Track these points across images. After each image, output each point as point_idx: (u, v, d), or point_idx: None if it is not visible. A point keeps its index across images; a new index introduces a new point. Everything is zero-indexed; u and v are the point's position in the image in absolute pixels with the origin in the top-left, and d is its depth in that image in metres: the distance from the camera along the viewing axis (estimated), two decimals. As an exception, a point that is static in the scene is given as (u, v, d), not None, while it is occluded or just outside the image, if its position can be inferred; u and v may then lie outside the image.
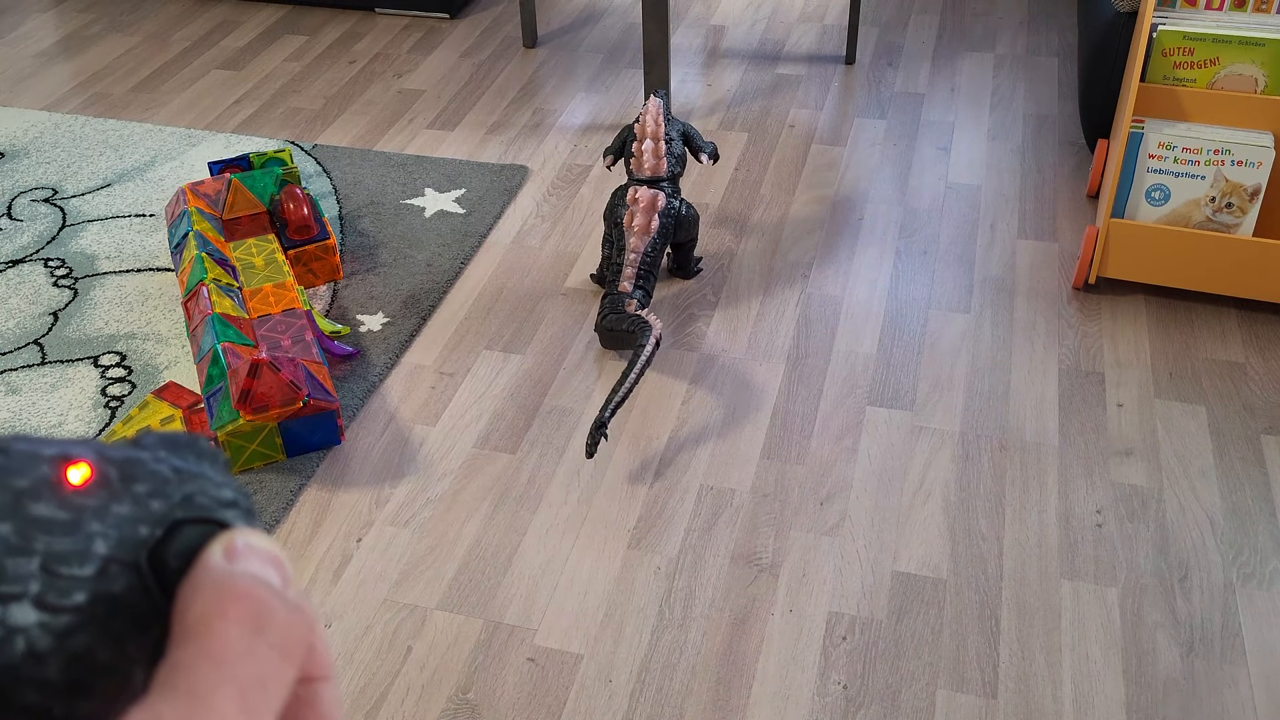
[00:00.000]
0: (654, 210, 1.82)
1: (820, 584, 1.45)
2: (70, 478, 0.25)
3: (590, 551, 1.50)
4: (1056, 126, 2.35)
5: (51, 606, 0.24)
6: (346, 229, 2.09)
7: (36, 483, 0.25)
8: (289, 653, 0.25)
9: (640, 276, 1.80)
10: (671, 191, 1.87)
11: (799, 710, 1.31)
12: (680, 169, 1.89)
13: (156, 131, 2.40)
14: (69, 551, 0.24)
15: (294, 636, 0.25)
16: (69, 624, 0.24)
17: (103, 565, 0.25)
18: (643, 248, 1.80)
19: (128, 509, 0.26)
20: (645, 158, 1.87)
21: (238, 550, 0.26)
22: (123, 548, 0.25)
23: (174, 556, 0.26)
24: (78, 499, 0.25)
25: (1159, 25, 1.87)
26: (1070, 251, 2.00)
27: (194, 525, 0.26)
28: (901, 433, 1.66)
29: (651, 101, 1.91)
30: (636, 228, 1.81)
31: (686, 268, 1.95)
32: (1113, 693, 1.32)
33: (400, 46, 2.72)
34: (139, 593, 0.25)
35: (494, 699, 1.33)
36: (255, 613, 0.25)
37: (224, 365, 1.60)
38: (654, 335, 1.67)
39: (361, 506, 1.57)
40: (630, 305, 1.76)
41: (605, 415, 1.57)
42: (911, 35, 2.72)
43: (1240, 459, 1.60)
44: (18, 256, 2.05)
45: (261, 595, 0.25)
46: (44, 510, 0.25)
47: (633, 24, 2.82)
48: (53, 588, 0.24)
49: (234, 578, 0.25)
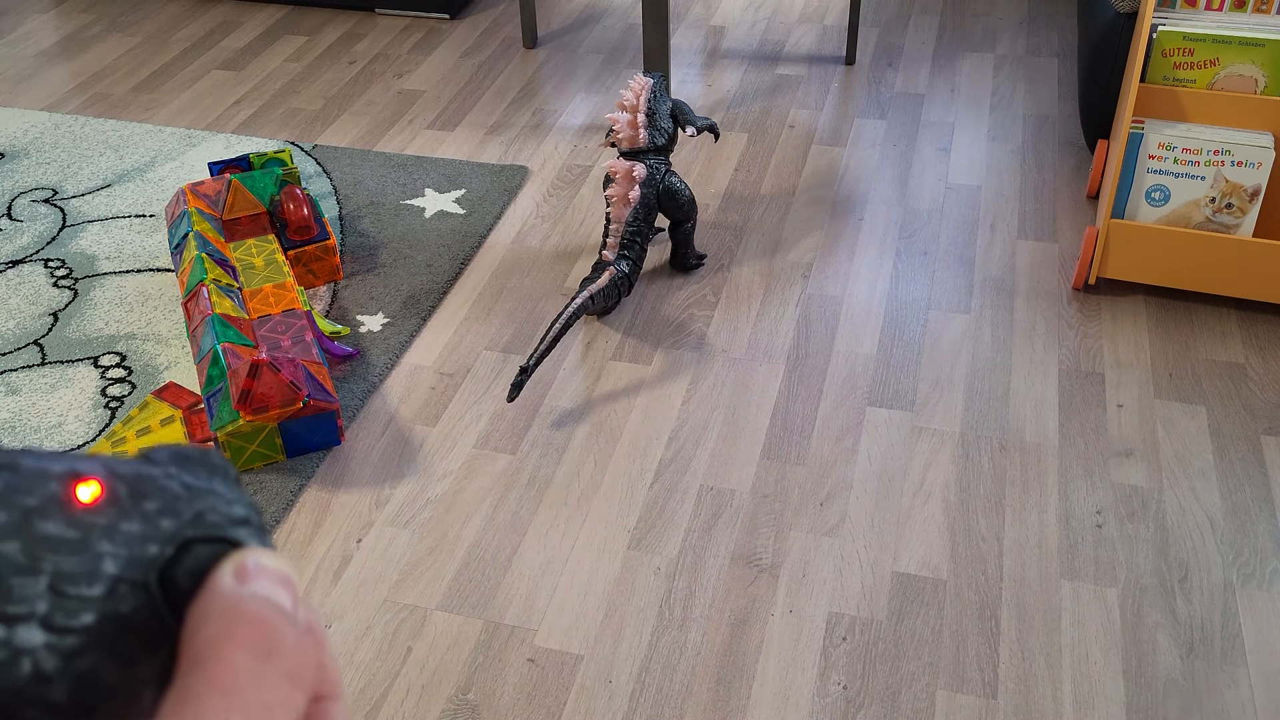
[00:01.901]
0: (631, 180, 1.85)
1: (820, 584, 1.45)
2: (80, 495, 0.25)
3: (590, 552, 1.50)
4: (1056, 127, 2.36)
5: (59, 628, 0.24)
6: (346, 229, 2.09)
7: (45, 501, 0.24)
8: (299, 679, 0.25)
9: (624, 246, 1.84)
10: (655, 163, 1.89)
11: (799, 711, 1.31)
12: (665, 142, 1.92)
13: (156, 132, 2.40)
14: (77, 571, 0.24)
15: (304, 662, 0.25)
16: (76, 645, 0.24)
17: (112, 585, 0.24)
18: (624, 217, 1.85)
19: (137, 527, 0.25)
20: (621, 129, 1.91)
21: (248, 570, 0.26)
22: (132, 567, 0.25)
23: (184, 576, 0.25)
24: (87, 517, 0.25)
25: (1159, 26, 1.87)
26: (1070, 252, 2.00)
27: (205, 544, 0.26)
28: (901, 433, 1.66)
29: (639, 78, 1.94)
30: (615, 197, 1.85)
31: (681, 257, 1.96)
32: (1113, 693, 1.32)
33: (400, 47, 2.72)
34: (148, 613, 0.25)
35: (494, 699, 1.33)
36: (265, 639, 0.24)
37: (224, 366, 1.60)
38: (601, 282, 1.78)
39: (361, 507, 1.57)
40: (610, 272, 1.82)
41: (529, 362, 1.67)
42: (911, 36, 2.72)
43: (1240, 459, 1.60)
44: (18, 257, 2.05)
45: (271, 620, 0.25)
46: (52, 529, 0.24)
47: (633, 24, 2.82)
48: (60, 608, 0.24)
49: (244, 601, 0.25)
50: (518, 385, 1.65)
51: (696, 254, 1.98)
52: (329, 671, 0.27)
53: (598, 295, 1.79)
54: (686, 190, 1.89)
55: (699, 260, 1.99)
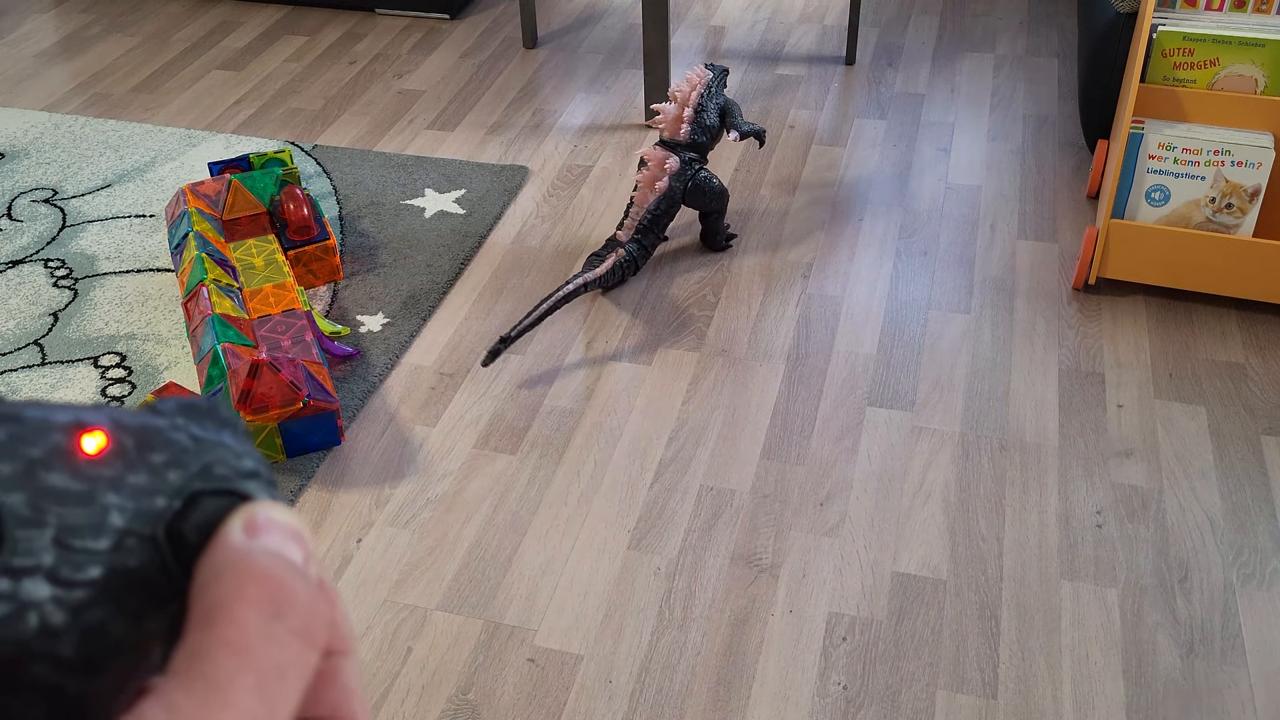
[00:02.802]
0: (662, 170, 1.90)
1: (820, 584, 1.45)
2: (85, 446, 0.24)
3: (590, 552, 1.50)
4: (1056, 127, 2.35)
5: (65, 581, 0.23)
6: (346, 229, 2.09)
7: (50, 452, 0.24)
8: (310, 637, 0.24)
9: (639, 230, 1.89)
10: (689, 159, 1.92)
11: (799, 711, 1.31)
12: (706, 140, 1.95)
13: (156, 132, 2.40)
14: (83, 524, 0.24)
15: (315, 619, 0.25)
16: (83, 599, 0.23)
17: (118, 538, 0.24)
18: (645, 202, 1.89)
19: (144, 479, 0.25)
20: (665, 118, 1.95)
21: (258, 524, 0.25)
22: (139, 520, 0.24)
23: (192, 530, 0.25)
24: (93, 469, 0.24)
25: (1159, 26, 1.87)
26: (1070, 252, 2.00)
27: (213, 497, 0.25)
28: (901, 433, 1.66)
29: (699, 70, 1.97)
30: (643, 182, 1.90)
31: (711, 238, 2.01)
32: (1113, 693, 1.32)
33: (400, 47, 2.72)
34: (156, 567, 0.24)
35: (494, 699, 1.33)
36: (275, 596, 0.24)
37: (224, 366, 1.60)
38: (599, 270, 1.83)
39: (361, 507, 1.57)
40: (616, 254, 1.87)
41: (511, 333, 1.72)
42: (911, 36, 2.72)
43: (1240, 459, 1.60)
44: (18, 257, 2.05)
45: (282, 576, 0.24)
46: (58, 481, 0.24)
47: (633, 24, 2.82)
48: (67, 561, 0.23)
49: (254, 556, 0.24)
50: (494, 352, 1.71)
51: (726, 235, 2.02)
52: (340, 627, 0.26)
53: (593, 282, 1.83)
54: (716, 185, 1.93)
55: (728, 241, 2.03)
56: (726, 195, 1.95)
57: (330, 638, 0.26)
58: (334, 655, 0.26)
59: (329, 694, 0.26)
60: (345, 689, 0.26)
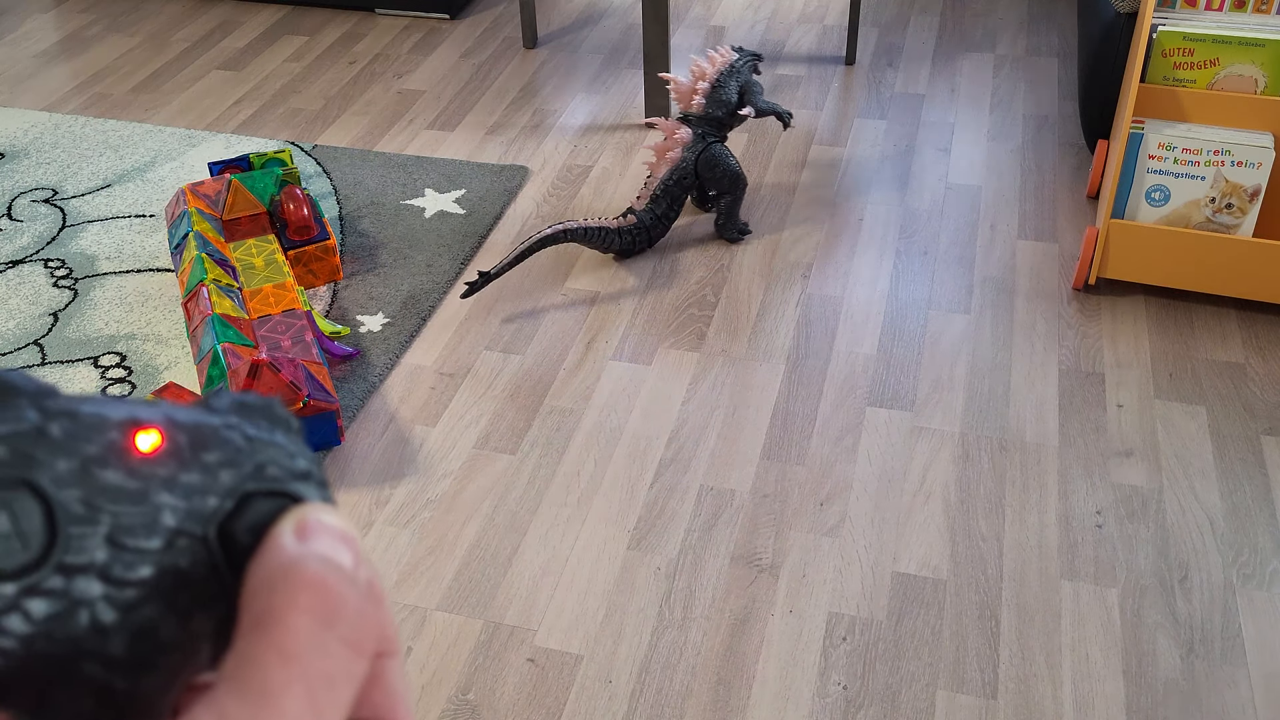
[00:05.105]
0: (675, 140, 1.94)
1: (820, 584, 1.45)
2: (140, 444, 0.24)
3: (590, 552, 1.50)
4: (1056, 127, 2.36)
5: (117, 579, 0.23)
6: (346, 229, 2.09)
7: (105, 449, 0.24)
8: (360, 646, 0.24)
9: (654, 200, 1.94)
10: (704, 132, 1.97)
11: (799, 711, 1.31)
12: (723, 114, 1.98)
13: (156, 132, 2.40)
14: (136, 523, 0.23)
15: (366, 628, 0.24)
16: (134, 598, 0.23)
17: (170, 538, 0.24)
18: (659, 173, 1.95)
19: (197, 479, 0.25)
20: (680, 88, 2.00)
21: (309, 528, 0.25)
22: (191, 520, 0.24)
23: (244, 532, 0.25)
24: (147, 467, 0.24)
25: (1159, 26, 1.87)
26: (1070, 252, 2.00)
27: (265, 498, 0.25)
28: (901, 433, 1.66)
29: (724, 50, 2.01)
30: (656, 151, 1.96)
31: (725, 226, 2.03)
32: (1113, 693, 1.32)
33: (400, 47, 2.72)
34: (206, 568, 0.24)
35: (494, 699, 1.33)
36: (327, 604, 0.24)
37: (224, 366, 1.60)
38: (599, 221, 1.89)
39: (361, 507, 1.57)
40: (626, 219, 1.93)
41: (492, 269, 1.81)
42: (911, 36, 2.72)
43: (1240, 459, 1.60)
44: (18, 257, 2.05)
45: (334, 584, 0.24)
46: (112, 478, 0.23)
47: (633, 24, 2.82)
48: (119, 560, 0.23)
49: (305, 561, 0.24)
50: (473, 286, 1.80)
51: (739, 226, 2.03)
52: (387, 628, 0.26)
53: (577, 232, 1.88)
54: (731, 163, 1.96)
55: (741, 232, 2.04)
56: (743, 180, 1.99)
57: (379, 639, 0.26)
58: (381, 657, 0.26)
59: (374, 696, 0.26)
60: (390, 691, 0.26)
